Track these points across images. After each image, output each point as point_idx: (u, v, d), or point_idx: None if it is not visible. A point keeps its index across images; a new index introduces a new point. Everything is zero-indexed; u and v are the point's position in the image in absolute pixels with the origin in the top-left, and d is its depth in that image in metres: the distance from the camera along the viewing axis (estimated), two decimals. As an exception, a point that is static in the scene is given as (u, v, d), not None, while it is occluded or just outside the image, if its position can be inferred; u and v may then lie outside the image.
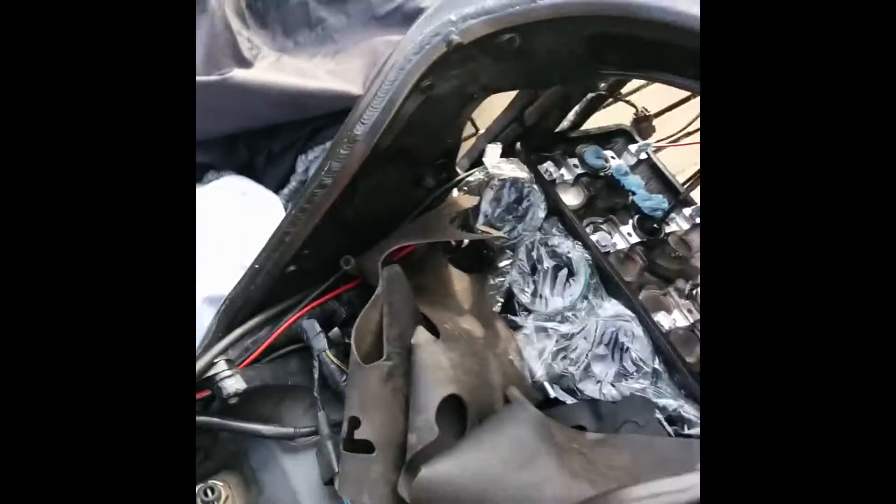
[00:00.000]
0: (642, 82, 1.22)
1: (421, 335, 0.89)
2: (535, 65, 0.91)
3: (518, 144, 1.11)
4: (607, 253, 1.01)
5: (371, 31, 1.64)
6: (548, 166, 1.10)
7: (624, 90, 1.23)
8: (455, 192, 1.09)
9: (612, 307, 0.95)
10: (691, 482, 0.61)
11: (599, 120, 1.27)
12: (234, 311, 0.96)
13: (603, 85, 1.15)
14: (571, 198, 1.08)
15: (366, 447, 0.82)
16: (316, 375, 0.95)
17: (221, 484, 0.94)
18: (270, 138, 2.09)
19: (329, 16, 2.19)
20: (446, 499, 0.78)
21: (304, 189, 0.89)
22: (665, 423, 0.89)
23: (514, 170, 1.05)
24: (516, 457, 0.80)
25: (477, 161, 1.13)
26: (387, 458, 0.82)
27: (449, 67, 0.87)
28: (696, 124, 1.53)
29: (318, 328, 0.97)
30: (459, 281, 1.05)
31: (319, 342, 0.96)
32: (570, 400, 0.96)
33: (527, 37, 0.84)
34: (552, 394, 0.97)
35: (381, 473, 0.82)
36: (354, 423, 0.82)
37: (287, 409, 0.98)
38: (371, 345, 0.87)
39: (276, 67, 1.96)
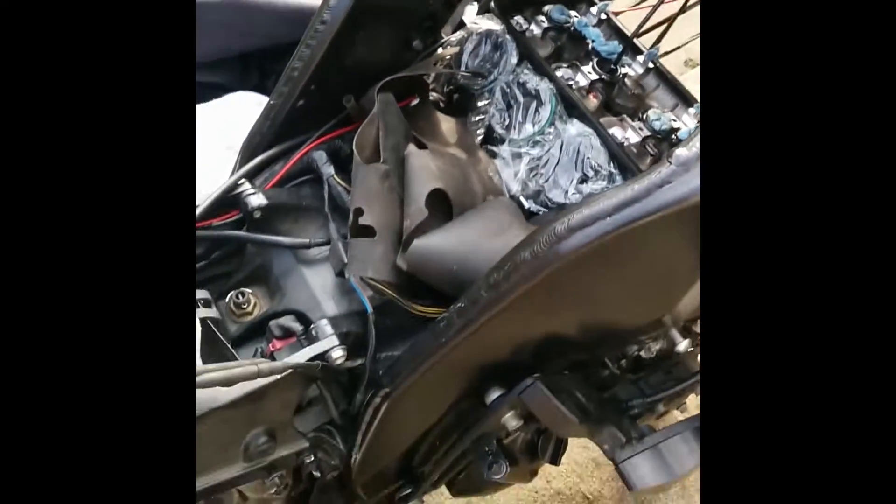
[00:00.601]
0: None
1: (412, 147, 1.06)
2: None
3: (492, 3, 1.27)
4: (570, 86, 1.17)
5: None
6: (519, 20, 1.26)
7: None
8: (440, 50, 1.25)
9: (573, 127, 1.11)
10: (600, 198, 0.75)
11: None
12: (254, 146, 1.14)
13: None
14: (539, 48, 1.24)
15: (369, 232, 0.99)
16: (326, 196, 1.12)
17: (250, 292, 1.12)
18: (281, 59, 2.24)
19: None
20: (434, 262, 0.96)
21: (309, 25, 1.06)
22: (619, 213, 1.06)
23: (488, 24, 1.21)
24: (491, 228, 0.97)
25: (458, 26, 1.29)
26: (386, 240, 1.00)
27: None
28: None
29: (326, 157, 1.14)
30: (446, 122, 1.22)
31: (328, 169, 1.13)
32: (542, 211, 1.13)
33: None
34: (527, 206, 1.14)
35: (383, 253, 0.99)
36: (359, 212, 0.99)
37: (302, 227, 1.15)
38: (370, 154, 1.04)
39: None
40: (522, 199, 1.14)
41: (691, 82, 1.30)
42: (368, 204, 0.99)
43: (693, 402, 1.52)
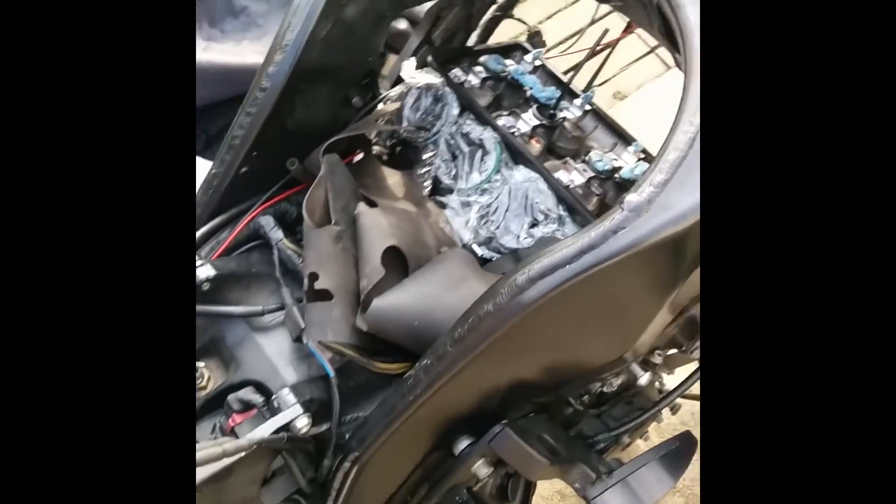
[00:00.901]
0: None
1: (362, 206, 1.05)
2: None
3: (429, 57, 1.29)
4: (513, 133, 1.20)
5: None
6: (456, 72, 1.28)
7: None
8: (380, 107, 1.26)
9: (520, 174, 1.13)
10: (558, 247, 0.77)
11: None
12: (197, 216, 1.11)
13: (500, 1, 1.35)
14: (478, 98, 1.26)
15: (326, 296, 0.97)
16: (276, 261, 1.10)
17: (203, 365, 1.08)
18: (207, 120, 2.22)
19: (251, 3, 2.35)
20: (395, 320, 0.95)
21: (248, 93, 1.05)
22: (572, 256, 1.07)
23: (427, 77, 1.22)
24: (448, 281, 0.97)
25: (397, 80, 1.30)
26: (344, 302, 0.98)
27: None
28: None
29: (274, 222, 1.12)
30: (391, 177, 1.22)
31: (276, 234, 1.11)
32: (496, 257, 1.14)
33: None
34: (480, 254, 1.15)
35: (341, 315, 0.97)
36: (314, 276, 0.97)
37: (254, 294, 1.12)
38: (320, 216, 1.03)
39: (206, 53, 2.11)
40: (475, 246, 1.15)
41: (621, 115, 1.34)
42: (323, 267, 0.98)
43: (654, 431, 1.53)
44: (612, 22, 1.32)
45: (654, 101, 2.72)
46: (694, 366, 1.12)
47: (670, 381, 1.22)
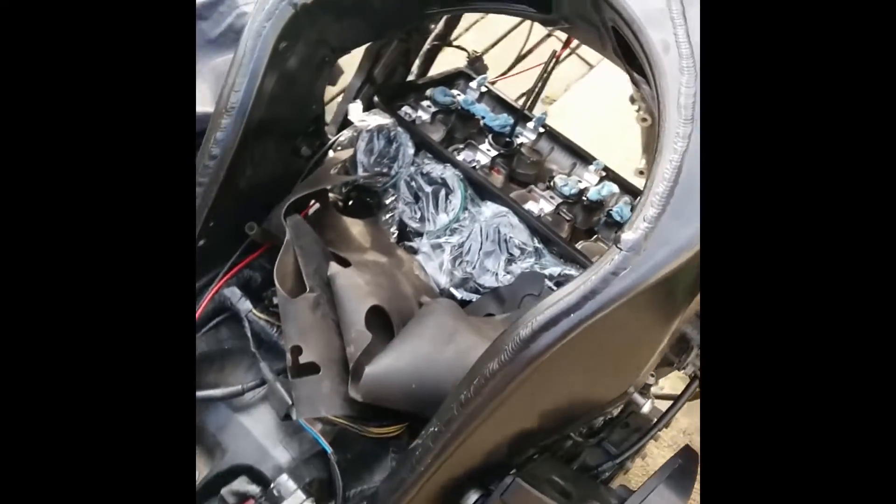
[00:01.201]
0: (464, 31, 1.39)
1: (334, 267, 1.00)
2: (372, 15, 1.05)
3: (375, 98, 1.25)
4: (474, 167, 1.17)
5: (209, 55, 1.69)
6: (406, 110, 1.25)
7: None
8: (331, 153, 1.21)
9: (488, 209, 1.10)
10: (559, 295, 0.76)
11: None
12: (158, 297, 1.04)
13: (436, 31, 1.31)
14: (431, 133, 1.23)
15: (312, 369, 0.92)
16: (249, 334, 1.04)
17: (186, 456, 1.01)
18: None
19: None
20: (391, 385, 0.90)
21: (197, 161, 0.98)
22: (554, 287, 1.05)
23: (377, 119, 1.18)
24: (441, 336, 0.93)
25: (344, 122, 1.25)
26: (332, 373, 0.93)
27: (299, 29, 0.99)
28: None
29: (240, 293, 1.06)
30: (354, 227, 1.17)
31: (244, 304, 1.05)
32: (475, 297, 1.11)
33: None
34: (459, 296, 1.11)
35: (332, 387, 0.92)
36: (297, 350, 0.92)
37: (229, 373, 1.06)
38: (293, 283, 0.98)
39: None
40: (453, 290, 1.11)
41: (553, 118, 1.33)
42: (305, 339, 0.92)
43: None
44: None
45: (582, 102, 2.74)
46: (681, 377, 1.12)
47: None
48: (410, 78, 1.36)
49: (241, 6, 1.56)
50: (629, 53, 0.95)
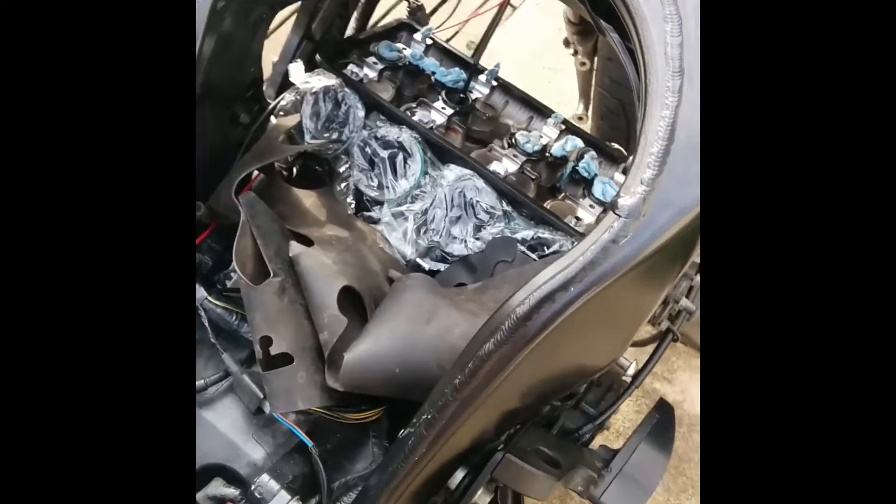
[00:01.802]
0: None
1: (296, 246, 0.92)
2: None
3: (317, 56, 1.15)
4: (431, 128, 1.10)
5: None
6: (352, 68, 1.16)
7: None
8: (273, 120, 1.11)
9: (451, 173, 1.04)
10: (557, 267, 0.72)
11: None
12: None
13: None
14: (381, 92, 1.14)
15: (285, 360, 0.85)
16: (206, 324, 0.95)
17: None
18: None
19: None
20: (373, 371, 0.85)
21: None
22: (528, 252, 1.01)
23: (322, 80, 1.08)
24: (420, 315, 0.88)
25: (283, 84, 1.15)
26: (307, 363, 0.87)
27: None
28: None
29: (192, 280, 0.97)
30: (307, 199, 1.09)
31: (198, 292, 0.96)
32: (443, 267, 1.05)
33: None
34: (427, 267, 1.06)
35: (307, 377, 0.86)
36: (266, 341, 0.85)
37: (187, 367, 0.97)
38: (254, 268, 0.90)
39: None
40: (419, 260, 1.05)
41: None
42: (274, 328, 0.85)
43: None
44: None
45: (507, 45, 2.68)
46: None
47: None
48: (349, 32, 1.26)
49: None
50: (601, 3, 0.90)
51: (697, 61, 0.73)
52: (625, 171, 0.76)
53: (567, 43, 1.85)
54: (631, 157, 0.74)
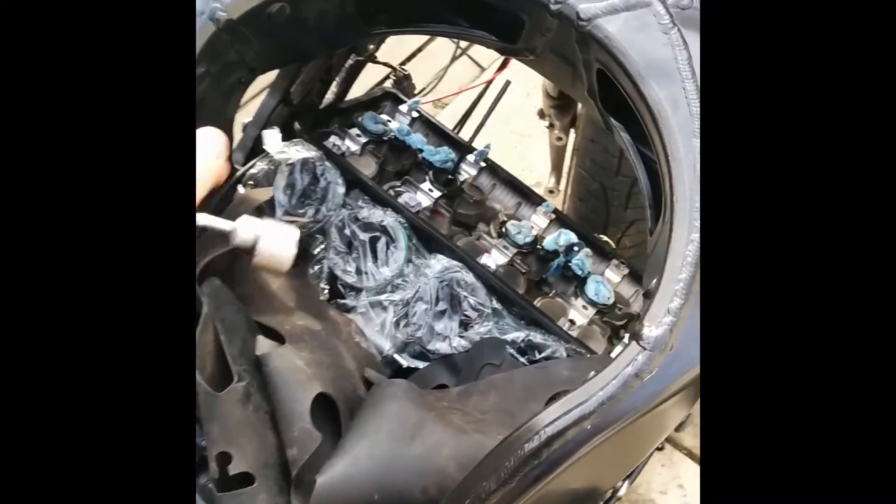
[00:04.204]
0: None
1: (264, 344, 0.82)
2: (305, 34, 0.87)
3: (296, 124, 1.06)
4: (417, 212, 1.02)
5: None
6: (333, 140, 1.07)
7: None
8: (241, 189, 1.01)
9: (438, 263, 0.96)
10: (572, 401, 0.65)
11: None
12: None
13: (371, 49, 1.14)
14: (363, 168, 1.06)
15: (244, 480, 0.74)
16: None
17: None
18: None
19: None
20: (348, 498, 0.74)
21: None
22: (518, 355, 0.93)
23: (300, 151, 0.99)
24: (403, 430, 0.78)
25: (254, 149, 1.05)
26: (270, 483, 0.75)
27: (219, 49, 0.80)
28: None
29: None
30: (275, 280, 0.98)
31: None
32: (422, 364, 0.96)
33: (296, 2, 0.80)
34: (404, 364, 0.96)
35: (269, 500, 0.75)
36: (225, 458, 0.73)
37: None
38: (214, 370, 0.78)
39: None
40: (397, 356, 0.96)
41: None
42: (234, 443, 0.74)
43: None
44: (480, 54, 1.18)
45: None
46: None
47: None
48: (329, 97, 1.17)
49: None
50: (610, 99, 0.84)
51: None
52: (647, 295, 0.69)
53: (542, 115, 1.81)
54: (654, 281, 0.67)
